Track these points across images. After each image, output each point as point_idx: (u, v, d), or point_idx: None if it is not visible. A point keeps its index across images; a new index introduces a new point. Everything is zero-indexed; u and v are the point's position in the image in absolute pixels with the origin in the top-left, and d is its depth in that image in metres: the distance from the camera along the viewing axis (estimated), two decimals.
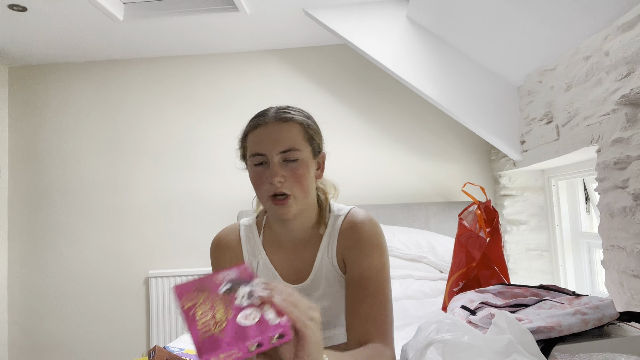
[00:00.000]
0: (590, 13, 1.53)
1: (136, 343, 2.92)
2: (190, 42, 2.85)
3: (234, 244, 1.08)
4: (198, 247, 2.94)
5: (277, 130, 0.95)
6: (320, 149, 1.03)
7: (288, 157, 0.94)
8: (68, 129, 3.06)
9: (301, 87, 2.97)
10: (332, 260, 1.03)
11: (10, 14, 2.33)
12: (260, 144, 0.95)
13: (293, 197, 0.95)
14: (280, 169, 0.94)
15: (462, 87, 2.36)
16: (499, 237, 1.78)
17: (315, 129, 1.02)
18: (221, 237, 1.09)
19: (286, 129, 0.95)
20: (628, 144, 1.38)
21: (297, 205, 0.97)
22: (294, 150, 0.94)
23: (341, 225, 1.03)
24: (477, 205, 1.88)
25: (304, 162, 0.96)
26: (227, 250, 1.08)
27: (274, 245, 1.07)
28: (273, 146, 0.94)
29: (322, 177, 1.08)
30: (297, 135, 0.96)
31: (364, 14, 2.44)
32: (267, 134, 0.95)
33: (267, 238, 1.08)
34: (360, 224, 1.01)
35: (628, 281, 1.43)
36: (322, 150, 1.04)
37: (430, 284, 2.29)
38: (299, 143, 0.95)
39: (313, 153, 1.00)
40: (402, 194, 2.86)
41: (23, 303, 2.99)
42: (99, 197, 3.00)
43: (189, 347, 1.57)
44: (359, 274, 0.96)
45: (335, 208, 1.09)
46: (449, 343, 0.78)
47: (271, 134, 0.95)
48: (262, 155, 0.95)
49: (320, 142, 1.03)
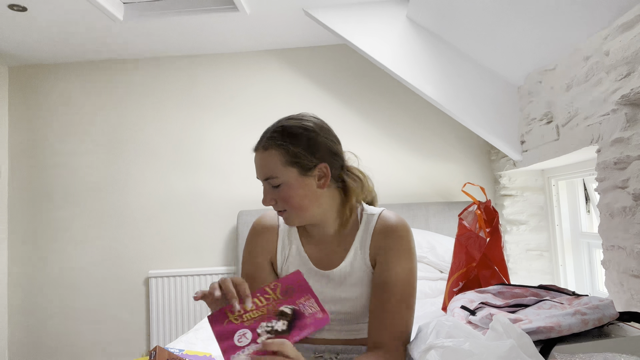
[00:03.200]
0: (590, 13, 1.53)
1: (136, 343, 2.92)
2: (190, 42, 2.85)
3: (272, 227, 1.15)
4: (198, 247, 2.94)
5: (260, 159, 1.03)
6: (314, 164, 1.02)
7: (271, 183, 1.02)
8: (68, 128, 3.06)
9: (301, 87, 2.97)
10: (365, 257, 1.06)
11: (10, 14, 2.33)
12: (255, 168, 1.05)
13: (287, 212, 1.03)
14: (269, 192, 1.03)
15: (462, 87, 2.36)
16: (499, 237, 1.78)
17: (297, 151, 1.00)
18: (262, 219, 1.17)
19: (266, 157, 1.02)
20: (628, 144, 1.38)
21: (295, 218, 1.04)
22: (273, 178, 1.01)
23: (375, 225, 1.07)
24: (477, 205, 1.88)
25: (288, 185, 1.01)
26: (265, 232, 1.15)
27: (308, 236, 1.12)
28: (259, 173, 1.04)
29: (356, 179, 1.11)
30: (275, 163, 1.00)
31: (364, 14, 2.44)
32: (256, 161, 1.04)
33: (302, 229, 1.14)
34: (393, 228, 1.05)
35: (628, 281, 1.43)
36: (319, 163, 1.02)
37: (430, 284, 2.29)
38: (277, 170, 1.00)
39: (300, 172, 1.01)
40: (402, 194, 2.86)
41: (23, 303, 2.99)
42: (99, 197, 3.00)
43: (188, 348, 1.57)
44: (385, 278, 1.01)
45: (368, 208, 1.13)
46: (449, 349, 0.78)
47: (257, 162, 1.04)
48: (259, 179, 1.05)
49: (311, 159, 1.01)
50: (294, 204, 1.01)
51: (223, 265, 2.93)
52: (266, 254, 1.12)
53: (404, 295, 1.00)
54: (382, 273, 1.01)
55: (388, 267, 1.01)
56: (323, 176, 1.03)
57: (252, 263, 1.12)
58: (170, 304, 2.86)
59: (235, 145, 2.94)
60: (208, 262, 2.94)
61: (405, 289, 1.00)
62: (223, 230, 2.95)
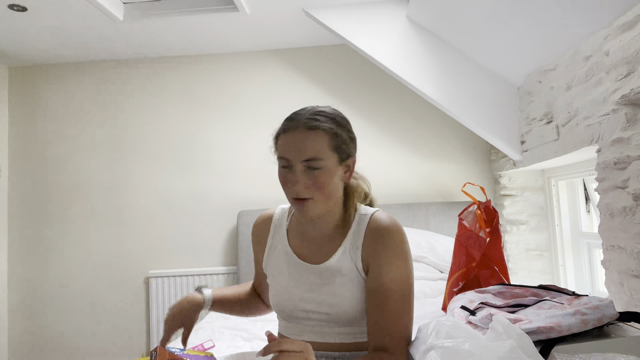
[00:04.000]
0: (590, 13, 1.53)
1: (136, 343, 2.92)
2: (190, 42, 2.85)
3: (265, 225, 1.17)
4: (198, 247, 2.94)
5: (303, 138, 0.97)
6: (349, 154, 1.04)
7: (311, 165, 0.97)
8: (68, 128, 3.06)
9: (301, 87, 2.97)
10: (356, 261, 1.04)
11: (10, 14, 2.33)
12: (287, 149, 0.98)
13: (314, 200, 0.99)
14: (302, 177, 0.98)
15: (462, 87, 2.36)
16: (498, 237, 1.78)
17: (344, 137, 1.02)
18: (260, 217, 1.20)
19: (312, 137, 0.97)
20: (628, 144, 1.38)
21: (317, 207, 1.00)
22: (318, 160, 0.97)
23: (367, 227, 1.05)
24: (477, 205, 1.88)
25: (328, 170, 0.98)
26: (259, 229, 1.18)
27: (298, 233, 1.12)
28: (297, 153, 0.97)
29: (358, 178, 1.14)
30: (322, 144, 0.97)
31: (364, 14, 2.44)
32: (293, 141, 0.98)
33: (293, 226, 1.14)
34: (385, 230, 1.02)
35: (628, 281, 1.43)
36: (353, 155, 1.06)
37: (430, 284, 2.29)
38: (323, 152, 0.97)
39: (339, 159, 1.01)
40: (402, 194, 2.86)
41: (23, 303, 2.99)
42: (99, 197, 3.00)
43: (189, 348, 1.57)
44: (381, 283, 0.99)
45: (361, 208, 1.11)
46: (449, 350, 0.78)
47: (297, 142, 0.97)
48: (288, 159, 0.99)
49: (349, 148, 1.04)
50: (325, 192, 0.98)
51: (223, 265, 2.93)
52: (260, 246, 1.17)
53: (402, 298, 0.98)
54: (377, 278, 0.99)
55: (382, 272, 0.99)
56: (348, 170, 1.05)
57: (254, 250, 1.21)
58: (170, 304, 2.85)
59: (235, 145, 2.94)
60: (208, 262, 2.94)
61: (402, 291, 0.99)
62: (223, 230, 2.95)
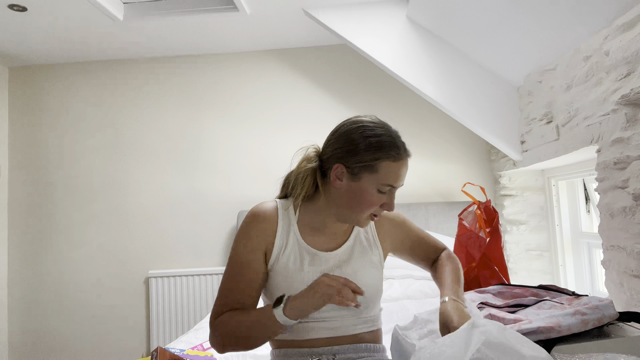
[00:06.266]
0: (590, 13, 1.53)
1: (136, 343, 2.92)
2: (190, 42, 2.86)
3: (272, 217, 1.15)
4: (198, 247, 2.94)
5: (405, 167, 1.09)
6: None
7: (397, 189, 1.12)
8: (68, 129, 3.06)
9: (301, 87, 2.97)
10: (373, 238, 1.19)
11: (10, 14, 2.33)
12: (397, 177, 1.07)
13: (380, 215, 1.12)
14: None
15: (462, 87, 2.36)
16: (498, 237, 1.78)
17: None
18: (261, 208, 1.17)
19: (407, 166, 1.11)
20: (628, 144, 1.38)
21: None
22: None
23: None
24: (477, 205, 1.88)
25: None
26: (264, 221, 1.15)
27: (308, 226, 1.15)
28: (401, 180, 1.09)
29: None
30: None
31: (364, 14, 2.44)
32: (402, 170, 1.08)
33: (302, 219, 1.16)
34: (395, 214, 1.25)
35: (628, 281, 1.43)
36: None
37: (430, 284, 2.28)
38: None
39: None
40: (402, 194, 2.86)
41: (23, 303, 2.99)
42: (99, 197, 3.00)
43: (189, 348, 1.57)
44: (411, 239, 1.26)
45: None
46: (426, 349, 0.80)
47: (404, 171, 1.09)
48: (393, 187, 1.08)
49: None
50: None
51: (223, 265, 2.92)
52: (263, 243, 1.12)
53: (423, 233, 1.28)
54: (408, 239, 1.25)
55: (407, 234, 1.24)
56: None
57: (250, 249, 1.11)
58: (170, 304, 2.86)
59: (235, 145, 2.94)
60: (208, 262, 2.94)
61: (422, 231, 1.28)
62: (223, 230, 2.95)
